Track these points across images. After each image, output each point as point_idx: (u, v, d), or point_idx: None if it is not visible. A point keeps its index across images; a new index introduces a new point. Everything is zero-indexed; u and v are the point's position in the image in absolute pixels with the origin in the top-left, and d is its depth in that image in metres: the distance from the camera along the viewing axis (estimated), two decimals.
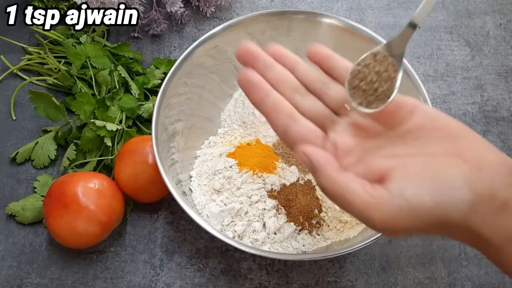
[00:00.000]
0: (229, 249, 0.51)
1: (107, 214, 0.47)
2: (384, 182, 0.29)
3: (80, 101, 0.53)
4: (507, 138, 0.59)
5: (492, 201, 0.27)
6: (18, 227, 0.52)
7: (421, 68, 0.63)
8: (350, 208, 0.29)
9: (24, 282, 0.49)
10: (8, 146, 0.57)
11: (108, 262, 0.51)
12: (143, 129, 0.56)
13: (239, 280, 0.50)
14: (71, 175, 0.49)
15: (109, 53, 0.59)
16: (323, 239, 0.49)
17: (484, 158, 0.28)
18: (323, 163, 0.30)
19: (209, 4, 0.65)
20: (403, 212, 0.27)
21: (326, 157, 0.30)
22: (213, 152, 0.53)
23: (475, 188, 0.27)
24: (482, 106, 0.61)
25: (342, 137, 0.32)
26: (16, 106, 0.59)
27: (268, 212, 0.48)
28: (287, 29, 0.54)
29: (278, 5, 0.68)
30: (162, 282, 0.50)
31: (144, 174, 0.49)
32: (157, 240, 0.52)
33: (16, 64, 0.60)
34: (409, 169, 0.29)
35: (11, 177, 0.55)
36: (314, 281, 0.50)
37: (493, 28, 0.66)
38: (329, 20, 0.53)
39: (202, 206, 0.50)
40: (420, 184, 0.27)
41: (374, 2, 0.68)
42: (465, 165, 0.28)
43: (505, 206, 0.27)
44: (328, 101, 0.33)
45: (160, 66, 0.60)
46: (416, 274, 0.51)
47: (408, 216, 0.27)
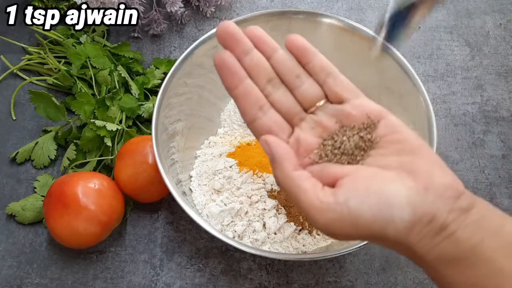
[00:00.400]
0: (229, 249, 0.51)
1: (107, 214, 0.47)
2: (334, 187, 0.29)
3: (80, 101, 0.53)
4: (507, 138, 0.59)
5: (431, 223, 0.27)
6: (18, 227, 0.52)
7: (421, 68, 0.63)
8: (298, 205, 0.30)
9: (24, 282, 0.49)
10: (8, 146, 0.57)
11: (108, 262, 0.51)
12: (143, 129, 0.56)
13: (239, 280, 0.50)
14: (71, 175, 0.49)
15: (109, 53, 0.59)
16: (323, 239, 0.49)
17: (434, 179, 0.28)
18: (282, 155, 0.30)
19: (209, 4, 0.65)
20: (345, 219, 0.28)
21: (287, 150, 0.31)
22: (213, 152, 0.53)
23: (416, 209, 0.27)
24: (482, 106, 0.61)
25: (307, 135, 0.32)
26: (16, 106, 0.59)
27: (268, 212, 0.48)
28: (287, 29, 0.54)
29: (278, 5, 0.68)
30: (162, 282, 0.50)
31: (144, 174, 0.49)
32: (157, 240, 0.52)
33: (16, 64, 0.60)
34: (359, 179, 0.29)
35: (11, 177, 0.55)
36: (314, 281, 0.50)
37: (493, 28, 0.66)
38: (329, 20, 0.53)
39: (202, 206, 0.50)
40: (365, 196, 0.28)
41: (374, 2, 0.68)
42: (413, 183, 0.28)
43: (443, 229, 0.27)
44: (299, 95, 0.33)
45: (160, 66, 0.60)
46: (416, 274, 0.51)
47: (349, 224, 0.28)
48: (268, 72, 0.33)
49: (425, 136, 0.47)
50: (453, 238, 0.27)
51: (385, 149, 0.31)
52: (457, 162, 0.57)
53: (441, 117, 0.60)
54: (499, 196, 0.55)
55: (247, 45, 0.33)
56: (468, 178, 0.56)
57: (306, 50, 0.33)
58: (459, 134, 0.59)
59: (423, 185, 0.28)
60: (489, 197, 0.55)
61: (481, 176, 0.56)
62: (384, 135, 0.31)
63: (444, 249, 0.27)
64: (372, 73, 0.53)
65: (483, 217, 0.28)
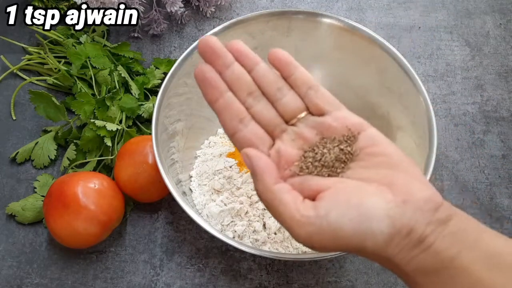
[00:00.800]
0: (229, 249, 0.51)
1: (107, 214, 0.47)
2: (315, 200, 0.30)
3: (80, 101, 0.53)
4: (507, 138, 0.59)
5: (409, 236, 0.28)
6: (18, 227, 0.52)
7: (421, 68, 0.63)
8: (279, 218, 0.30)
9: (24, 282, 0.49)
10: (8, 146, 0.57)
11: (108, 262, 0.51)
12: (143, 129, 0.56)
13: (239, 280, 0.50)
14: (71, 175, 0.49)
15: (109, 53, 0.59)
16: None
17: (413, 192, 0.29)
18: (263, 169, 0.30)
19: (209, 4, 0.65)
20: (325, 232, 0.28)
21: (268, 164, 0.31)
22: (213, 152, 0.53)
23: (395, 221, 0.28)
24: (482, 106, 0.61)
25: (287, 147, 0.32)
26: (16, 106, 0.59)
27: (268, 212, 0.48)
28: (287, 29, 0.54)
29: (278, 5, 0.68)
30: (162, 282, 0.50)
31: (144, 174, 0.49)
32: (157, 240, 0.52)
33: (16, 64, 0.60)
34: (340, 192, 0.29)
35: (11, 177, 0.55)
36: (314, 281, 0.50)
37: (493, 28, 0.66)
38: (329, 20, 0.53)
39: (202, 206, 0.50)
40: (345, 209, 0.28)
41: (374, 2, 0.68)
42: (392, 196, 0.28)
43: (421, 241, 0.28)
44: (280, 108, 0.33)
45: (160, 66, 0.60)
46: None
47: (329, 237, 0.28)
48: (249, 85, 0.33)
49: (425, 136, 0.47)
50: (431, 249, 0.27)
51: (365, 161, 0.31)
52: (457, 162, 0.57)
53: (441, 117, 0.60)
54: (499, 196, 0.55)
55: (228, 58, 0.33)
56: (468, 178, 0.56)
57: (288, 64, 0.33)
58: (459, 134, 0.59)
59: (401, 198, 0.28)
60: (489, 197, 0.55)
61: (481, 176, 0.56)
62: (364, 147, 0.31)
63: (423, 261, 0.28)
64: (372, 73, 0.53)
65: (460, 229, 0.28)
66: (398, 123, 0.52)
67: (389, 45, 0.51)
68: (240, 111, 0.33)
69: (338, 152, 0.31)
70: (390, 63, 0.51)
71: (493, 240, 0.28)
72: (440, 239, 0.28)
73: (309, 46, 0.55)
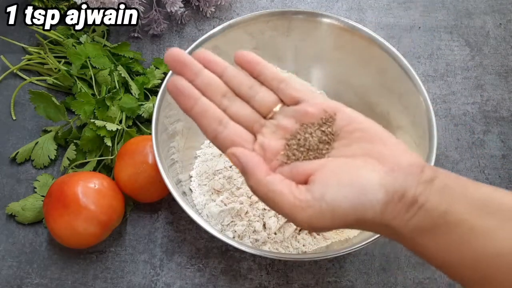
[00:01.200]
0: (229, 249, 0.51)
1: (107, 214, 0.47)
2: (308, 184, 0.30)
3: (80, 101, 0.53)
4: (507, 138, 0.59)
5: (402, 199, 0.29)
6: (18, 227, 0.52)
7: (421, 68, 0.63)
8: (278, 209, 0.31)
9: (24, 282, 0.49)
10: (8, 146, 0.57)
11: (108, 262, 0.51)
12: (143, 129, 0.56)
13: (239, 280, 0.50)
14: (71, 175, 0.49)
15: (109, 53, 0.59)
16: (323, 239, 0.49)
17: (398, 160, 0.30)
18: (252, 165, 0.31)
19: (209, 4, 0.65)
20: (325, 213, 0.29)
21: (255, 159, 0.31)
22: (213, 152, 0.53)
23: (388, 188, 0.29)
24: (482, 106, 0.61)
25: (270, 139, 0.33)
26: (16, 106, 0.59)
27: (268, 212, 0.48)
28: (287, 29, 0.54)
29: (278, 5, 0.68)
30: (162, 282, 0.50)
31: (144, 174, 0.49)
32: (157, 240, 0.52)
33: (16, 64, 0.60)
34: (329, 172, 0.30)
35: (11, 177, 0.55)
36: (314, 281, 0.50)
37: (493, 28, 0.66)
38: (329, 20, 0.53)
39: (202, 206, 0.50)
40: (338, 188, 0.29)
41: (374, 2, 0.68)
42: (381, 166, 0.30)
43: (414, 202, 0.29)
44: (256, 105, 0.34)
45: (160, 66, 0.60)
46: (416, 274, 0.51)
47: (329, 216, 0.29)
48: (221, 88, 0.34)
49: (425, 136, 0.47)
50: (423, 209, 0.29)
51: (347, 139, 0.32)
52: (457, 162, 0.57)
53: (441, 117, 0.60)
54: None
55: (197, 66, 0.33)
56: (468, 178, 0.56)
57: (256, 63, 0.34)
58: (459, 134, 0.59)
59: (389, 167, 0.30)
60: None
61: (481, 176, 0.56)
62: (343, 126, 0.32)
63: (418, 220, 0.29)
64: (372, 73, 0.53)
65: (447, 185, 0.30)
66: (398, 123, 0.52)
67: (389, 45, 0.51)
68: (217, 113, 0.33)
69: (320, 134, 0.32)
70: (390, 63, 0.51)
71: (479, 189, 0.30)
72: (430, 197, 0.29)
73: (309, 46, 0.55)
